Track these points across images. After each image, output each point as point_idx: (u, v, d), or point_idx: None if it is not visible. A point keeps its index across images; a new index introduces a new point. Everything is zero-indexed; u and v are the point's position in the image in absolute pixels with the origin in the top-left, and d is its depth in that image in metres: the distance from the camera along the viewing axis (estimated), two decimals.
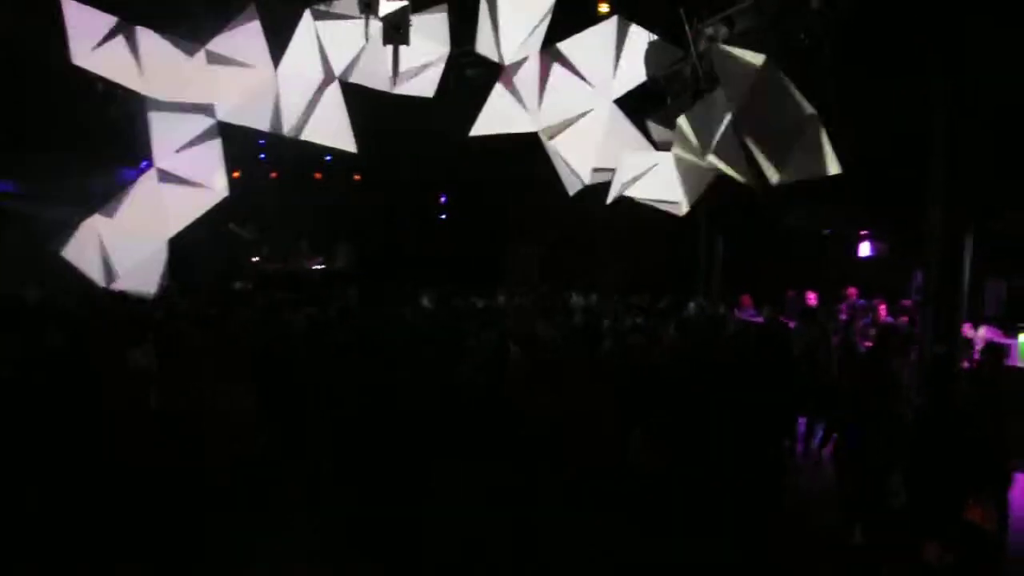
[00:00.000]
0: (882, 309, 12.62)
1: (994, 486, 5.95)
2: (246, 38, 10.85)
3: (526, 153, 12.17)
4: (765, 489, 5.75)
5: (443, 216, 18.72)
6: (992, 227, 10.82)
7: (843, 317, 13.09)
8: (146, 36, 10.62)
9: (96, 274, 11.15)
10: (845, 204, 12.28)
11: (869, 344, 11.21)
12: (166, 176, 11.40)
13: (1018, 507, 6.95)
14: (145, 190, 11.42)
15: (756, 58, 8.73)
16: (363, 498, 5.64)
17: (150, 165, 11.39)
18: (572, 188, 11.96)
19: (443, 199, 18.50)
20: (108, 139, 11.89)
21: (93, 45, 10.36)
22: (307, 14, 10.74)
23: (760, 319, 12.50)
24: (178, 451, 5.66)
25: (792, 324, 11.14)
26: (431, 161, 15.85)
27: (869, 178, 10.31)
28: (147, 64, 10.70)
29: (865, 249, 15.68)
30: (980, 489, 5.58)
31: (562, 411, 6.10)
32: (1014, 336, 10.51)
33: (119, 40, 10.52)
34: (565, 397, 6.24)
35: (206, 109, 11.25)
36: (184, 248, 11.67)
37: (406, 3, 9.47)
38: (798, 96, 8.71)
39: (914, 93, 9.79)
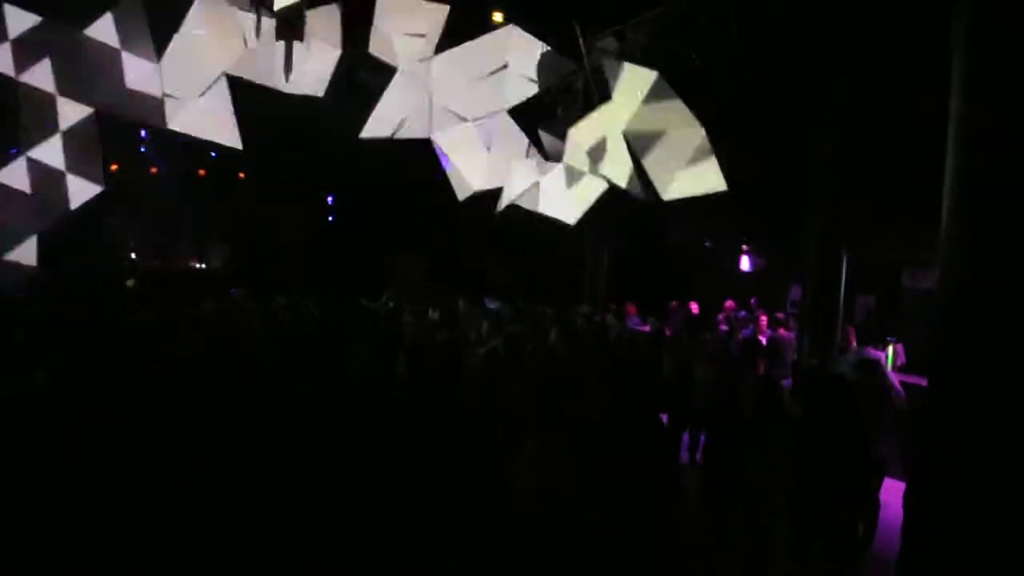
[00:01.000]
0: (763, 320, 13.08)
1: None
2: (128, 25, 10.42)
3: (416, 157, 12.08)
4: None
5: (331, 218, 18.43)
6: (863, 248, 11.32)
7: (722, 328, 13.52)
8: (18, 16, 10.07)
9: None
10: (727, 220, 12.67)
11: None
12: (37, 166, 10.80)
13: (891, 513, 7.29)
14: (12, 180, 10.80)
15: (647, 74, 8.90)
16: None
17: (17, 152, 10.80)
18: (462, 194, 11.93)
19: (330, 200, 18.20)
20: None
21: None
22: (196, 4, 10.39)
23: (646, 327, 12.80)
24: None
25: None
26: (320, 162, 15.60)
27: (749, 195, 10.64)
28: (17, 45, 10.15)
29: (745, 263, 16.23)
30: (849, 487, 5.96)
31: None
32: (883, 348, 11.06)
33: None
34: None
35: (83, 97, 10.70)
36: (55, 244, 11.08)
37: (298, 2, 9.28)
38: (688, 113, 8.93)
39: (795, 112, 10.17)
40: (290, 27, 9.21)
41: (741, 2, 8.99)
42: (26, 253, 10.89)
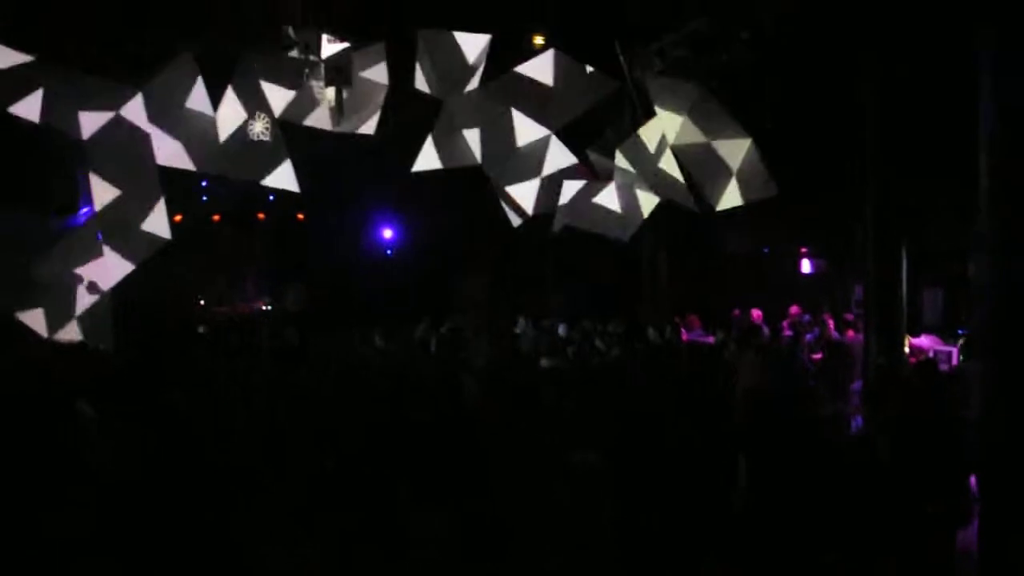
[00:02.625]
0: (830, 323, 12.93)
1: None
2: (183, 80, 10.79)
3: (470, 187, 12.27)
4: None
5: (389, 252, 18.75)
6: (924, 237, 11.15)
7: (787, 333, 13.39)
8: (83, 80, 10.49)
9: (37, 325, 10.91)
10: (784, 223, 12.59)
11: (817, 357, 11.55)
12: (107, 222, 11.20)
13: None
14: (86, 237, 11.23)
15: (690, 87, 8.98)
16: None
17: (91, 212, 11.21)
18: (516, 219, 12.07)
19: (390, 234, 18.52)
20: (43, 186, 11.69)
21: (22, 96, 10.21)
22: (246, 54, 10.72)
23: (710, 339, 12.75)
24: None
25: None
26: (376, 197, 15.92)
27: (805, 197, 10.60)
28: (83, 109, 10.57)
29: (806, 266, 16.06)
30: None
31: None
32: (953, 343, 10.84)
33: (57, 86, 10.38)
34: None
35: (144, 153, 11.10)
36: (127, 296, 11.47)
37: (347, 45, 9.55)
38: (732, 123, 8.98)
39: (844, 110, 10.11)
40: (338, 72, 9.44)
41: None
42: (101, 307, 11.29)
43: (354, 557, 5.25)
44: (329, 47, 9.47)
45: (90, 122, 10.68)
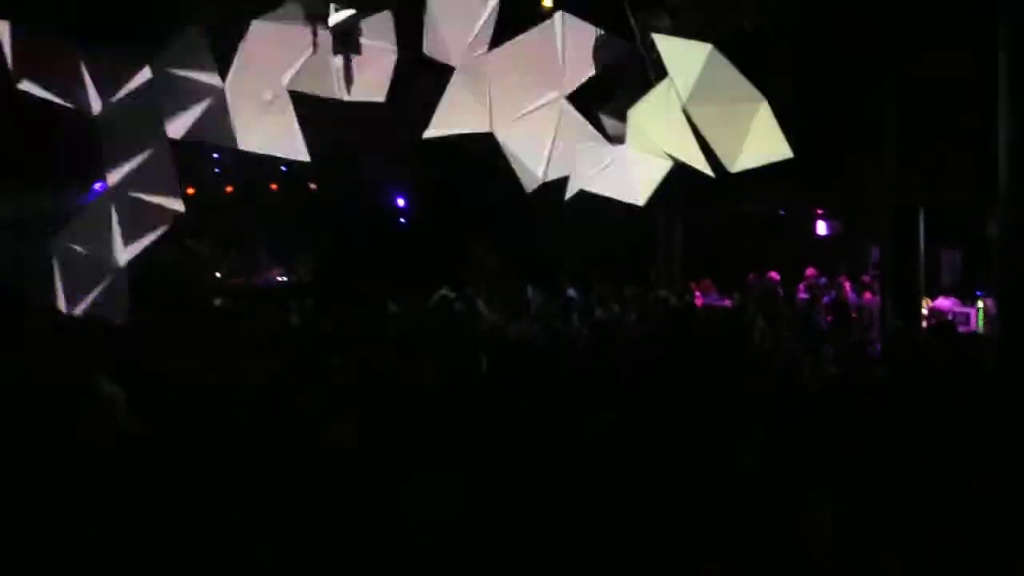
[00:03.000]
0: (847, 286, 12.83)
1: None
2: (193, 51, 10.71)
3: (481, 152, 12.17)
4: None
5: (402, 219, 18.68)
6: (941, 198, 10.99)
7: (802, 296, 13.32)
8: (93, 53, 10.42)
9: (59, 303, 10.93)
10: (798, 185, 12.44)
11: (831, 319, 11.48)
12: (120, 196, 11.18)
13: None
14: (99, 212, 11.21)
15: (702, 47, 8.83)
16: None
17: (103, 186, 11.20)
18: (528, 184, 11.97)
19: (400, 202, 18.43)
20: (53, 160, 11.67)
21: (36, 68, 10.15)
22: (254, 23, 10.63)
23: (726, 302, 12.68)
24: None
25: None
26: (386, 165, 15.84)
27: (820, 158, 10.45)
28: (94, 82, 10.51)
29: (822, 228, 15.91)
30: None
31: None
32: (972, 305, 10.73)
33: (67, 62, 10.32)
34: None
35: (155, 125, 11.04)
36: (144, 270, 11.48)
37: (353, 11, 9.44)
38: (746, 83, 8.84)
39: (861, 71, 9.95)
40: (346, 39, 9.34)
41: None
42: (118, 282, 11.30)
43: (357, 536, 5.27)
44: (336, 15, 9.33)
45: (100, 96, 10.65)
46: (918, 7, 8.97)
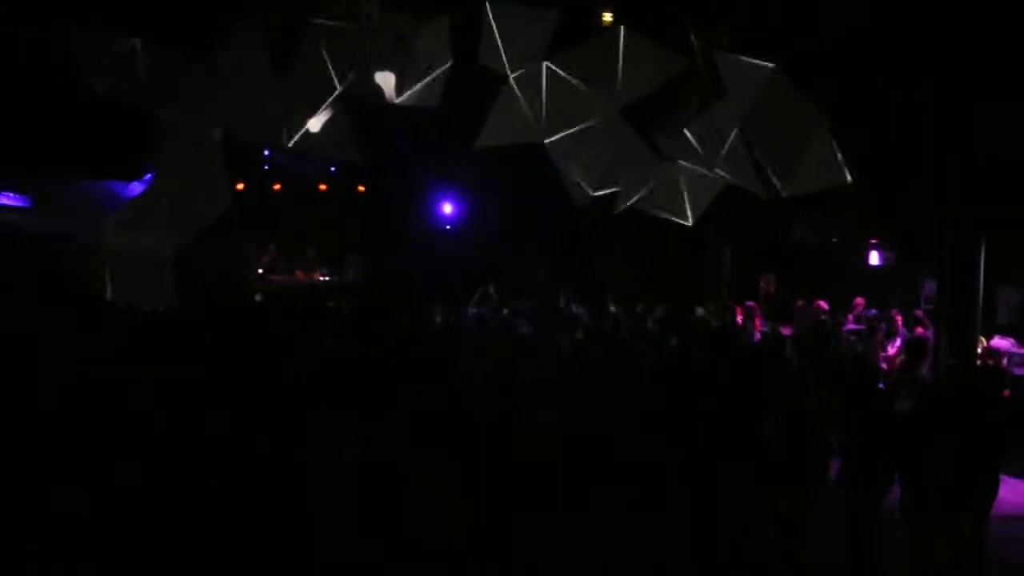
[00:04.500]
0: (898, 319, 12.49)
1: None
2: (248, 51, 10.79)
3: (532, 164, 12.09)
4: None
5: (449, 227, 18.64)
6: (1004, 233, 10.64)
7: (851, 327, 13.00)
8: (151, 51, 10.56)
9: (102, 287, 11.06)
10: (853, 213, 12.16)
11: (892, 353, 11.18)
12: (169, 188, 11.30)
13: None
14: (148, 202, 11.34)
15: (762, 67, 8.67)
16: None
17: (154, 177, 11.32)
18: (579, 199, 11.87)
19: (448, 208, 18.39)
20: (110, 152, 11.83)
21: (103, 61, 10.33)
22: (311, 27, 10.68)
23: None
24: None
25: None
26: (437, 173, 15.83)
27: (877, 186, 10.21)
28: (152, 78, 10.65)
29: (874, 258, 15.54)
30: None
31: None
32: None
33: (126, 56, 10.48)
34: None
35: (208, 121, 11.15)
36: (187, 261, 11.57)
37: (407, 16, 9.43)
38: (806, 105, 8.65)
39: (924, 99, 9.69)
40: (398, 43, 9.32)
41: None
42: (163, 271, 11.41)
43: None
44: (390, 19, 9.33)
45: (157, 91, 10.76)
46: (985, 36, 8.70)
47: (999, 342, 9.64)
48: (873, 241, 15.27)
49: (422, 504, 5.29)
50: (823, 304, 13.04)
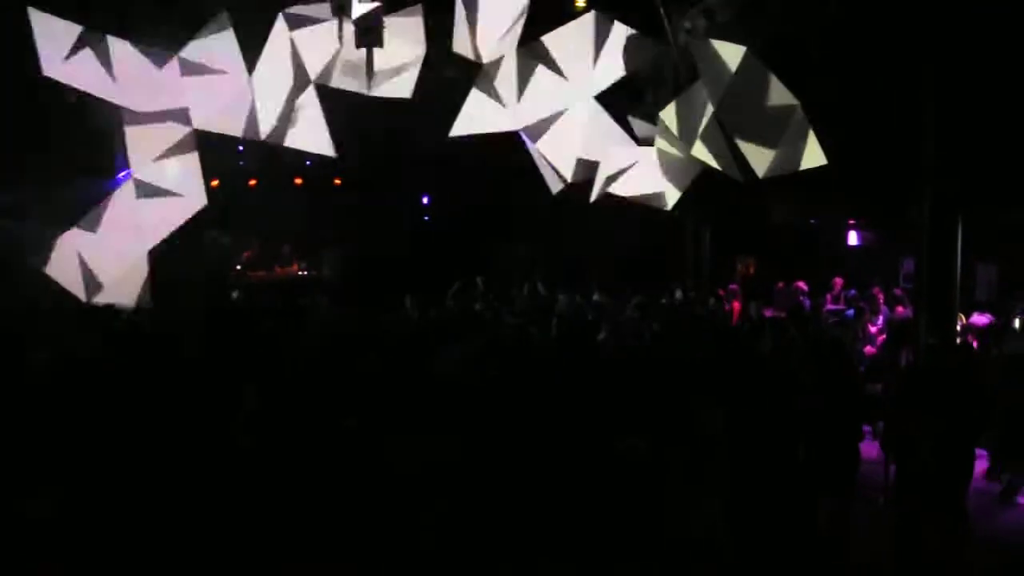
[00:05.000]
0: (880, 298, 12.53)
1: None
2: (219, 44, 10.67)
3: (507, 152, 12.01)
4: None
5: (426, 218, 18.57)
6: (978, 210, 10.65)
7: (831, 307, 13.05)
8: (118, 45, 10.42)
9: (76, 289, 10.93)
10: (831, 194, 12.15)
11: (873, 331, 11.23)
12: (144, 187, 11.17)
13: None
14: (123, 201, 11.20)
15: (736, 50, 8.63)
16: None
17: (128, 176, 11.18)
18: (555, 186, 11.82)
19: (425, 200, 18.32)
20: (81, 151, 11.66)
21: (63, 56, 10.16)
22: (280, 18, 10.57)
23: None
24: None
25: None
26: (411, 163, 15.72)
27: (854, 167, 10.19)
28: (120, 73, 10.52)
29: (853, 238, 15.60)
30: None
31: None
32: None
33: (90, 50, 10.32)
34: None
35: (181, 118, 11.02)
36: (164, 259, 11.45)
37: (378, 4, 9.32)
38: (780, 88, 8.62)
39: (899, 79, 9.67)
40: (370, 33, 9.21)
41: None
42: (137, 270, 11.30)
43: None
44: (359, 7, 9.21)
45: (127, 88, 10.63)
46: (958, 12, 8.68)
47: (978, 318, 9.67)
48: (852, 222, 15.31)
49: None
50: (802, 285, 13.07)
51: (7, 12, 10.08)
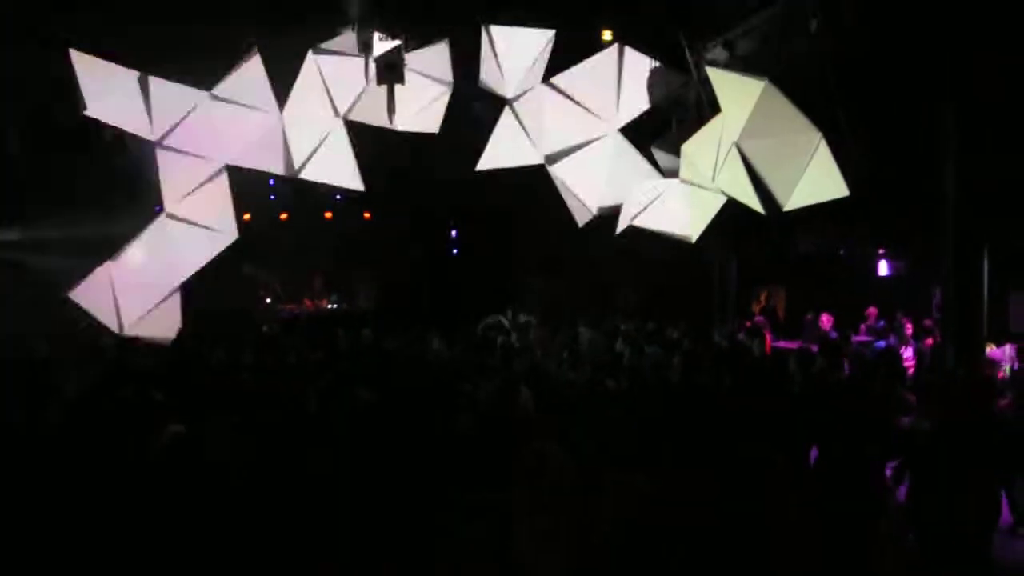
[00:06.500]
0: (908, 329, 12.40)
1: None
2: (250, 81, 10.90)
3: (534, 185, 12.10)
4: None
5: (455, 251, 18.69)
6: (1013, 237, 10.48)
7: (862, 338, 12.89)
8: (156, 84, 10.68)
9: (109, 321, 11.14)
10: (857, 224, 12.07)
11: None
12: (176, 220, 11.39)
13: None
14: (156, 235, 11.43)
15: (757, 82, 8.66)
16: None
17: (160, 210, 11.41)
18: (581, 218, 11.88)
19: (454, 233, 18.46)
20: (116, 186, 11.93)
21: (104, 95, 10.45)
22: (310, 55, 10.77)
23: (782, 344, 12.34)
24: None
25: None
26: (440, 196, 15.87)
27: (881, 196, 10.13)
28: (157, 111, 10.77)
29: (883, 268, 15.43)
30: None
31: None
32: None
33: (131, 90, 10.61)
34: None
35: (214, 153, 11.25)
36: (196, 292, 11.64)
37: (399, 43, 9.50)
38: (802, 119, 8.63)
39: (922, 107, 9.63)
40: (391, 70, 9.39)
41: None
42: (170, 303, 11.49)
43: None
44: (381, 45, 9.40)
45: (163, 125, 10.90)
46: (980, 37, 8.64)
47: (995, 352, 9.55)
48: (882, 251, 15.16)
49: None
50: (828, 317, 12.95)
51: (43, 53, 10.38)
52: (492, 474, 5.41)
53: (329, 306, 17.27)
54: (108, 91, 10.51)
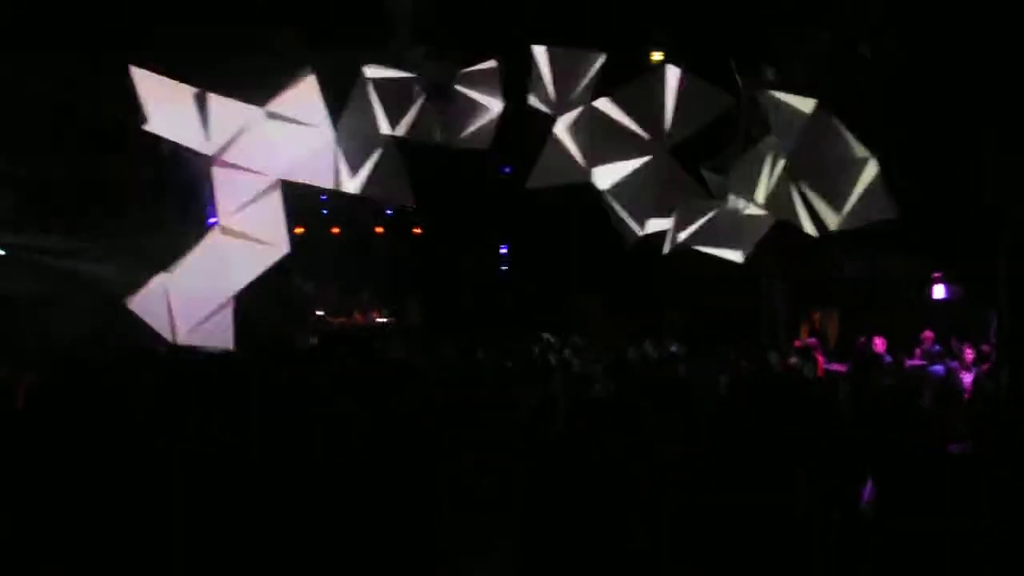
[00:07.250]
0: (968, 355, 12.11)
1: None
2: (305, 98, 11.08)
3: (583, 204, 12.12)
4: None
5: (505, 268, 18.77)
6: None
7: (916, 362, 12.64)
8: (214, 99, 10.91)
9: (163, 331, 11.36)
10: (907, 249, 11.89)
11: None
12: (229, 233, 11.60)
13: None
14: (210, 247, 11.65)
15: (807, 103, 8.61)
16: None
17: (214, 224, 11.63)
18: (630, 238, 11.85)
19: (503, 250, 18.54)
20: (171, 198, 12.20)
21: (165, 111, 10.72)
22: (363, 72, 10.93)
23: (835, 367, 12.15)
24: None
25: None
26: (491, 213, 15.96)
27: (932, 220, 9.99)
28: (213, 127, 11.00)
29: (939, 291, 15.14)
30: None
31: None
32: None
33: (189, 105, 10.86)
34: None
35: (268, 167, 11.45)
36: (247, 304, 11.83)
37: (450, 63, 9.60)
38: (852, 140, 8.56)
39: (981, 123, 9.50)
40: (441, 89, 9.50)
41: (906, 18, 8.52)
42: (225, 315, 11.70)
43: None
44: (431, 65, 9.51)
45: (218, 139, 11.13)
46: None
47: None
48: (937, 275, 14.89)
49: None
50: (882, 341, 12.73)
51: (102, 70, 10.68)
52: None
53: (380, 320, 17.42)
54: (167, 107, 10.77)
